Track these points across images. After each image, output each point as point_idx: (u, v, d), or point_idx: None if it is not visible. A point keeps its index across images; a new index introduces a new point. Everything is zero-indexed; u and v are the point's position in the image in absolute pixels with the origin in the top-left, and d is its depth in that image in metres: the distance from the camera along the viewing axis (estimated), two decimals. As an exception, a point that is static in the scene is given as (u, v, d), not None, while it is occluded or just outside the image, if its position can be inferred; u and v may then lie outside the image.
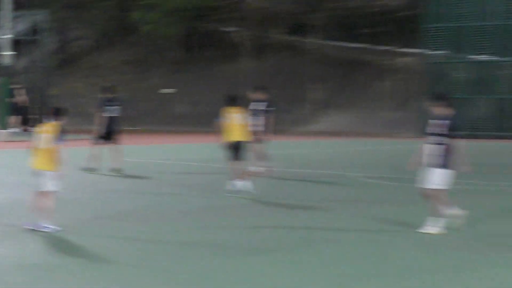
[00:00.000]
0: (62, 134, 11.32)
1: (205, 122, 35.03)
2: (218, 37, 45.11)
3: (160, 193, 14.39)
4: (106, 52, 46.24)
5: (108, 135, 17.96)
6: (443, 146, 10.21)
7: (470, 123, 32.19)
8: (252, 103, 16.66)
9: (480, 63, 35.21)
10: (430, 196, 10.60)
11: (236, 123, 14.55)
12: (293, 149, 29.24)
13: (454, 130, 10.32)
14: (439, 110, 10.44)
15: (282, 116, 34.92)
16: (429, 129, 10.37)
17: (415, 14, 38.36)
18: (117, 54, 45.65)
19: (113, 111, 18.12)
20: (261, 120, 16.70)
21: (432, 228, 10.50)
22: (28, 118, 34.12)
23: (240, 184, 14.42)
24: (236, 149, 14.52)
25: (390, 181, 18.30)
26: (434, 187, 10.37)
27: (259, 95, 17.09)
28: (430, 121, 10.43)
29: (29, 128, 31.88)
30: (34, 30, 36.89)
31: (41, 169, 11.39)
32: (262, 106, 16.94)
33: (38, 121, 26.72)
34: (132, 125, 34.26)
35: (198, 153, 25.97)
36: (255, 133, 15.87)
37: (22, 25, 37.63)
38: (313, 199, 15.11)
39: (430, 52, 36.09)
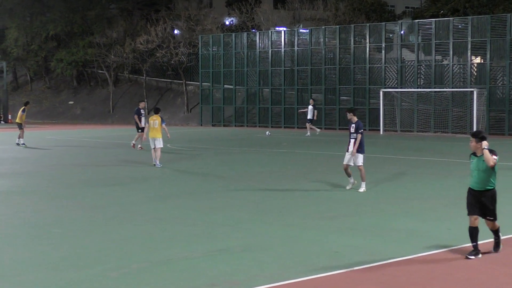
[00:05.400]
0: (163, 121, 22.01)
1: (90, 118, 59.83)
2: (95, 75, 65.74)
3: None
4: (37, 82, 69.62)
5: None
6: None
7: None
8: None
9: (227, 89, 51.03)
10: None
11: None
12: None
13: None
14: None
15: (129, 114, 58.68)
16: None
17: (195, 64, 55.91)
18: (43, 83, 69.06)
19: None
20: None
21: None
22: None
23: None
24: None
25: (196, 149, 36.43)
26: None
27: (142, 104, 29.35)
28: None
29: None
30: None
31: (155, 137, 21.78)
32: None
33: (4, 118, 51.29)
34: (54, 119, 58.23)
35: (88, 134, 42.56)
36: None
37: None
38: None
39: (202, 83, 52.48)
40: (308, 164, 23.63)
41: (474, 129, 37.45)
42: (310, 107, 39.03)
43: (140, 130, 28.20)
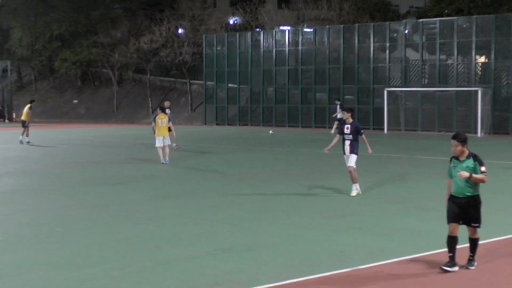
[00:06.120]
0: (170, 119, 23.11)
1: (94, 118, 59.96)
2: (99, 74, 66.27)
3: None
4: (42, 81, 69.80)
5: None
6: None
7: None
8: None
9: (231, 88, 51.35)
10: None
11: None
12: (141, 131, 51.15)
13: None
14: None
15: (133, 114, 59.27)
16: None
17: (199, 64, 56.20)
18: (47, 83, 69.26)
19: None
20: None
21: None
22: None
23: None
24: None
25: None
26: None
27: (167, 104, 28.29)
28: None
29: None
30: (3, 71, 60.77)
31: (164, 135, 22.62)
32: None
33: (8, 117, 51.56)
34: (58, 118, 58.47)
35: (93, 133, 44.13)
36: None
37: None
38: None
39: (206, 82, 52.71)
40: (311, 164, 23.57)
41: (478, 129, 37.42)
42: (338, 107, 38.72)
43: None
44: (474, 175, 9.11)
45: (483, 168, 9.17)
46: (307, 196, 16.22)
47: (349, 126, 15.85)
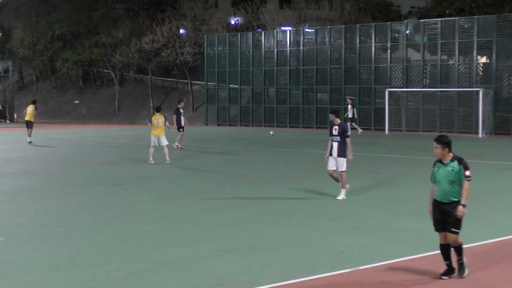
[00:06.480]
0: (166, 120, 22.83)
1: (95, 118, 59.88)
2: (100, 75, 66.40)
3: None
4: (43, 81, 69.79)
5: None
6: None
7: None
8: None
9: (233, 89, 50.90)
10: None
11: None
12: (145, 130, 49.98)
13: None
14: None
15: (134, 114, 59.17)
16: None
17: (200, 64, 56.41)
18: (49, 83, 69.28)
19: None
20: None
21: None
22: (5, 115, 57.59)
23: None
24: None
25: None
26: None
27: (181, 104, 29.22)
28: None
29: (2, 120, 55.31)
30: (5, 71, 60.79)
31: (159, 135, 22.66)
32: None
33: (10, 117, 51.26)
34: (59, 118, 58.52)
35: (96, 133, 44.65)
36: None
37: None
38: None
39: (208, 83, 52.98)
40: (312, 164, 23.54)
41: (480, 129, 37.39)
42: (349, 106, 38.58)
43: (181, 129, 28.33)
44: (463, 198, 8.81)
45: (467, 173, 8.81)
46: (308, 197, 16.21)
47: (337, 127, 15.59)
